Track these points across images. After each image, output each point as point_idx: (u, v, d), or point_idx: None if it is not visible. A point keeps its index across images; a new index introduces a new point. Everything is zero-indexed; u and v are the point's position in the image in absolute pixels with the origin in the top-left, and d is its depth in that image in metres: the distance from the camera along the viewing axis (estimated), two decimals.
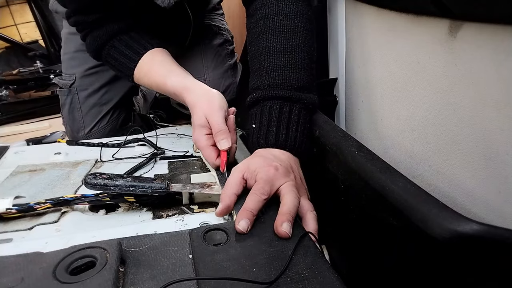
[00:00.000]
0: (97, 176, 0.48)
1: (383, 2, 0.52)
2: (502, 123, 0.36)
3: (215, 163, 0.58)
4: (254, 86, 0.61)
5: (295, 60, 0.59)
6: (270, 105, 0.57)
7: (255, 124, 0.58)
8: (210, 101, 0.60)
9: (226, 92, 1.02)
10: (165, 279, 0.35)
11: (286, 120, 0.56)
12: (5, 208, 0.48)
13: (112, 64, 0.76)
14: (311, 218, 0.47)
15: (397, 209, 0.35)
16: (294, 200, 0.45)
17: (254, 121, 0.58)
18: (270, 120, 0.56)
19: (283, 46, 0.59)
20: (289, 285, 0.34)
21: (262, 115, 0.58)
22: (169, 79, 0.68)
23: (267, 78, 0.59)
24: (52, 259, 0.36)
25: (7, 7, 2.21)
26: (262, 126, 0.57)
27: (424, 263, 0.35)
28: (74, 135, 1.03)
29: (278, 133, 0.55)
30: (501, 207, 0.38)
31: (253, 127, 0.58)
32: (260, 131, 0.57)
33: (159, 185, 0.49)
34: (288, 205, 0.44)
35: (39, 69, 1.97)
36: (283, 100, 0.57)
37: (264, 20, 0.62)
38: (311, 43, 0.62)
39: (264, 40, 0.61)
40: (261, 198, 0.44)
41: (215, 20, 1.04)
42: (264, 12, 0.62)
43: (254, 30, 0.64)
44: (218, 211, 0.46)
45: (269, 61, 0.60)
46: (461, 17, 0.38)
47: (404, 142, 0.53)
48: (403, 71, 0.51)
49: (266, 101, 0.58)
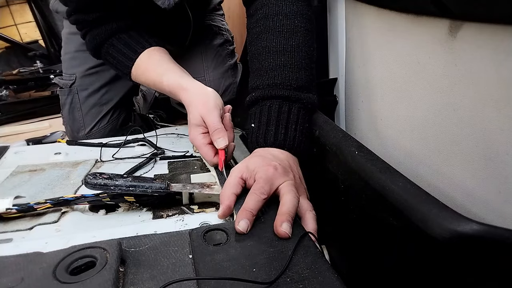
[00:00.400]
0: (97, 176, 0.48)
1: (383, 2, 0.52)
2: (502, 123, 0.36)
3: (213, 161, 0.58)
4: (253, 85, 0.61)
5: (294, 60, 0.59)
6: (269, 105, 0.57)
7: (254, 124, 0.58)
8: (205, 100, 0.61)
9: (226, 92, 1.02)
10: (165, 279, 0.35)
11: (285, 119, 0.56)
12: (5, 208, 0.48)
13: (110, 62, 0.77)
14: (310, 217, 0.47)
15: (397, 209, 0.35)
16: (293, 199, 0.45)
17: (253, 121, 0.58)
18: (269, 119, 0.56)
19: (282, 46, 0.60)
20: (289, 285, 0.34)
21: (261, 114, 0.58)
22: (166, 77, 0.68)
23: (267, 77, 0.59)
24: (52, 259, 0.36)
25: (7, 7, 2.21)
26: (261, 126, 0.57)
27: (424, 263, 0.35)
28: (74, 135, 1.03)
29: (277, 133, 0.55)
30: (501, 207, 0.38)
31: (252, 126, 0.58)
32: (259, 131, 0.57)
33: (159, 185, 0.49)
34: (288, 205, 0.44)
35: (39, 69, 1.97)
36: (282, 99, 0.57)
37: (264, 20, 0.62)
38: (311, 43, 0.62)
39: (264, 40, 0.61)
40: (261, 197, 0.44)
41: (215, 20, 1.04)
42: (264, 12, 0.63)
43: (254, 30, 0.64)
44: (220, 213, 0.46)
45: (268, 61, 0.60)
46: (461, 17, 0.38)
47: (404, 142, 0.53)
48: (403, 71, 0.51)
49: (265, 101, 0.58)
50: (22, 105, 1.58)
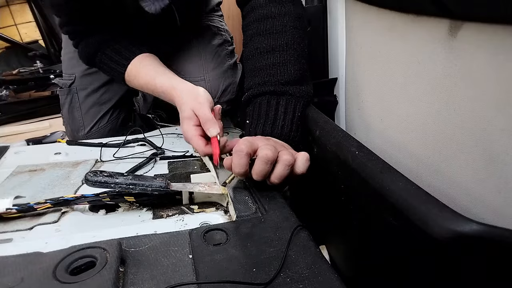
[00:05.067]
0: (98, 174, 0.48)
1: (383, 2, 0.52)
2: (502, 123, 0.36)
3: (204, 150, 0.61)
4: (247, 86, 0.66)
5: (283, 58, 0.63)
6: (259, 101, 0.63)
7: (249, 120, 0.63)
8: (196, 96, 0.65)
9: (226, 92, 1.01)
10: (165, 279, 0.35)
11: (273, 111, 0.61)
12: (5, 208, 0.48)
13: (104, 69, 0.81)
14: (300, 159, 0.50)
15: (397, 209, 0.35)
16: (269, 149, 0.48)
17: (248, 118, 0.63)
18: (259, 113, 0.61)
19: (271, 46, 0.64)
20: (289, 285, 0.34)
21: (253, 111, 0.63)
22: (158, 79, 0.72)
23: (258, 77, 0.64)
24: (52, 259, 0.36)
25: (7, 7, 2.21)
26: (253, 121, 0.62)
27: (424, 263, 0.35)
28: (74, 135, 1.03)
29: (266, 124, 0.60)
30: (501, 207, 0.38)
31: (247, 123, 0.63)
32: (251, 125, 0.62)
33: (159, 184, 0.49)
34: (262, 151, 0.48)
35: (39, 69, 1.97)
36: (270, 94, 0.62)
37: (256, 23, 0.67)
38: (300, 39, 0.66)
39: (256, 42, 0.66)
40: (242, 154, 0.48)
41: (214, 21, 1.04)
42: (256, 15, 0.67)
43: (247, 32, 0.69)
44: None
45: (260, 61, 0.65)
46: (461, 17, 0.38)
47: (404, 142, 0.53)
48: (403, 71, 0.51)
49: (257, 98, 0.63)
50: (22, 105, 1.58)
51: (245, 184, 0.54)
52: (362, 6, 0.60)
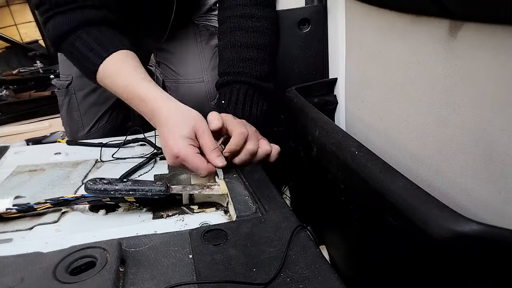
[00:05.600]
0: (97, 182, 0.48)
1: (383, 2, 0.52)
2: (502, 123, 0.36)
3: (207, 168, 0.55)
4: (225, 71, 0.74)
5: (260, 56, 0.73)
6: (238, 87, 0.71)
7: (224, 101, 0.72)
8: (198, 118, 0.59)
9: None
10: (165, 279, 0.35)
11: (250, 101, 0.72)
12: (5, 208, 0.48)
13: (74, 55, 0.69)
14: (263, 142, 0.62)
15: (397, 209, 0.35)
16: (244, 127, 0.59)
17: (224, 99, 0.72)
18: (237, 99, 0.71)
19: (252, 43, 0.73)
20: (289, 285, 0.34)
21: (231, 94, 0.71)
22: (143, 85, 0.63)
23: (237, 66, 0.72)
24: (52, 259, 0.36)
25: (7, 7, 2.21)
26: (230, 103, 0.71)
27: (424, 263, 0.35)
28: (74, 136, 1.03)
29: (243, 110, 0.71)
30: (501, 207, 0.38)
31: (222, 103, 0.72)
32: (228, 107, 0.71)
33: (158, 188, 0.49)
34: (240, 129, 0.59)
35: (39, 69, 1.97)
36: (248, 85, 0.71)
37: (240, 19, 0.74)
38: (274, 42, 0.76)
39: (238, 36, 0.73)
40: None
41: (211, 20, 1.03)
42: (239, 11, 0.74)
43: (228, 24, 0.75)
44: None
45: (240, 53, 0.73)
46: (461, 17, 0.38)
47: (404, 142, 0.53)
48: (403, 71, 0.51)
49: (235, 84, 0.72)
50: (22, 105, 1.58)
51: (245, 184, 0.54)
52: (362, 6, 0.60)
